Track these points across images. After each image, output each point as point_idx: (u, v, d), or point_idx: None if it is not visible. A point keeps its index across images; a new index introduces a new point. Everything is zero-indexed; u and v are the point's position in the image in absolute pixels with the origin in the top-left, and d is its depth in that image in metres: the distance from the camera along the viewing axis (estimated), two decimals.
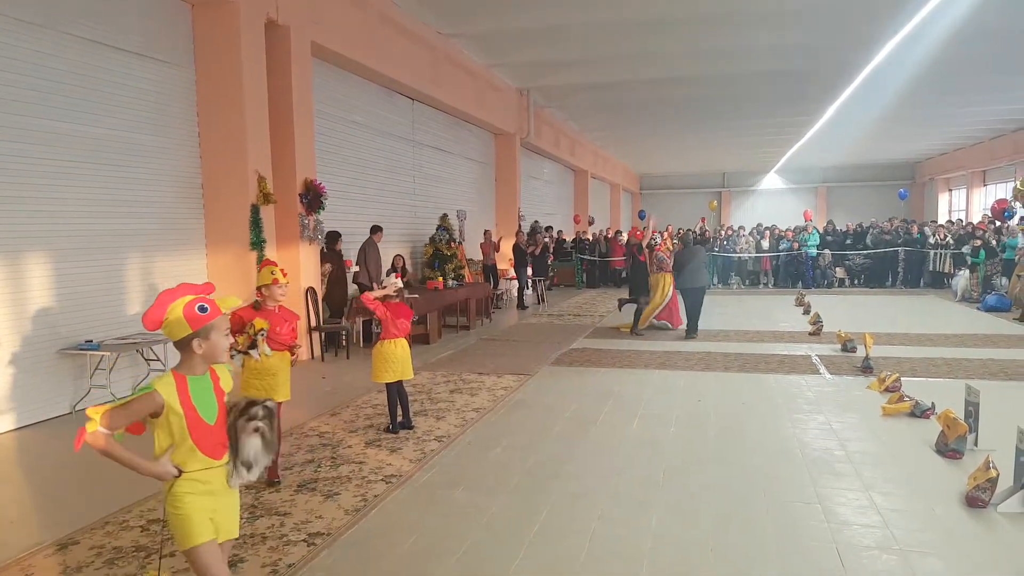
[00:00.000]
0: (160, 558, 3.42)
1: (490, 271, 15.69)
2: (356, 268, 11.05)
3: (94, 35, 7.20)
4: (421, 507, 4.42)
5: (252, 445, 2.70)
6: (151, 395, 2.54)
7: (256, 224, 8.63)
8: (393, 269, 11.19)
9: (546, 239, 18.41)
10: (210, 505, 2.64)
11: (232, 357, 4.07)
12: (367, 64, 10.91)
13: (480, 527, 4.11)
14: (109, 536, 4.05)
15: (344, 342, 10.03)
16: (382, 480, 4.90)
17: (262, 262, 5.23)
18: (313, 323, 9.64)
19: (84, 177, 7.13)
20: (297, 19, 9.25)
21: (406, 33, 11.83)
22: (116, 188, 7.51)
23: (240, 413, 2.72)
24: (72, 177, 7.01)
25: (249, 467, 2.71)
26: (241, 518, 4.23)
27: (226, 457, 2.69)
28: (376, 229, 11.38)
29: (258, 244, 8.64)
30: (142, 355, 7.49)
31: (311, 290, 9.64)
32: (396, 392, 6.06)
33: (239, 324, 4.68)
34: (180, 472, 2.57)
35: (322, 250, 10.22)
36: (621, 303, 13.01)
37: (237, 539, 2.92)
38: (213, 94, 8.48)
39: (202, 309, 2.63)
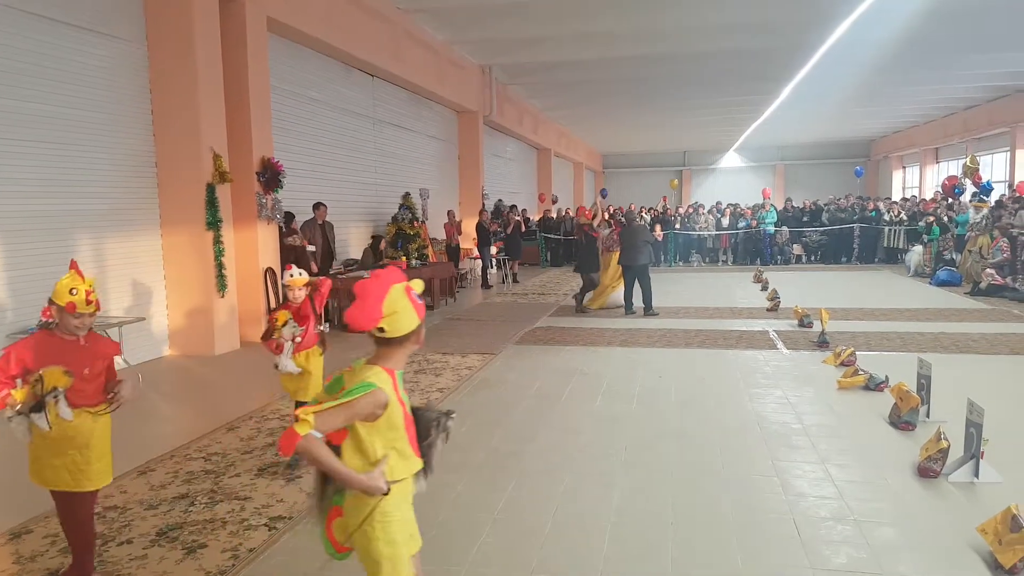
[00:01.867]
0: None
1: (454, 251, 15.60)
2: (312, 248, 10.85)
3: (40, 9, 6.94)
4: None
5: (438, 451, 2.46)
6: (374, 393, 2.15)
7: (212, 203, 8.45)
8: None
9: (517, 218, 18.17)
10: (411, 519, 2.34)
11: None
12: (325, 40, 10.69)
13: (446, 505, 4.12)
14: None
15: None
16: None
17: (69, 266, 3.48)
18: (273, 304, 9.50)
19: (31, 156, 6.90)
20: None
21: (365, 8, 11.61)
22: (65, 167, 7.28)
23: (443, 414, 2.46)
24: (18, 156, 6.78)
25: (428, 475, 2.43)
26: (200, 504, 4.19)
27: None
28: (318, 206, 10.91)
29: (214, 224, 8.48)
30: None
31: (269, 271, 9.50)
32: None
33: (19, 367, 3.09)
34: (389, 488, 2.20)
35: (294, 228, 10.04)
36: (578, 304, 12.10)
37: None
38: (166, 70, 8.25)
39: (416, 296, 2.31)
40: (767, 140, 33.78)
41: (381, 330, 2.22)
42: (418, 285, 2.35)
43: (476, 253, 16.68)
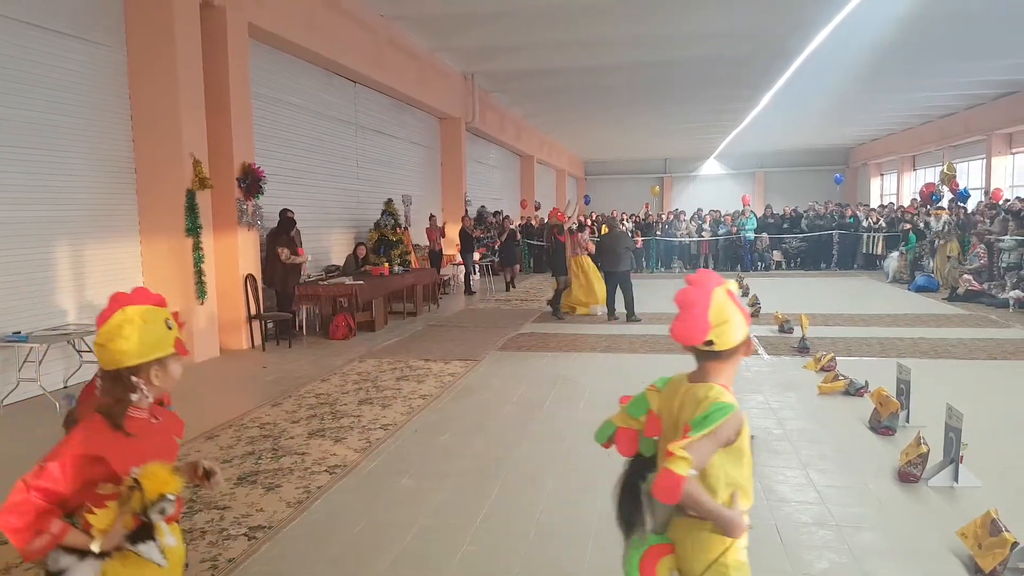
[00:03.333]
0: None
1: (436, 257, 15.56)
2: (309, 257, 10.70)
3: (18, 14, 6.85)
4: (366, 497, 4.38)
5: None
6: (736, 415, 1.94)
7: (192, 210, 8.38)
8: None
9: (512, 225, 17.82)
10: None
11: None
12: (307, 46, 10.65)
13: (427, 514, 4.09)
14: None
15: (297, 327, 9.90)
16: (326, 471, 4.83)
17: (139, 297, 2.04)
18: (254, 311, 9.43)
19: (7, 162, 6.80)
20: (234, 0, 8.97)
21: (347, 15, 11.58)
22: (43, 173, 7.18)
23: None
24: None
25: None
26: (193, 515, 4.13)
27: None
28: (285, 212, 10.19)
29: (194, 230, 8.40)
30: (73, 346, 7.21)
31: (250, 277, 9.42)
32: None
33: (72, 482, 1.87)
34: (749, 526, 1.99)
35: (280, 234, 9.93)
36: (555, 309, 12.02)
37: None
38: (146, 76, 8.17)
39: (740, 298, 2.11)
40: (747, 148, 34.06)
41: (710, 343, 2.02)
42: (733, 285, 2.13)
43: (459, 259, 16.66)
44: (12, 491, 1.86)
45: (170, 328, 2.05)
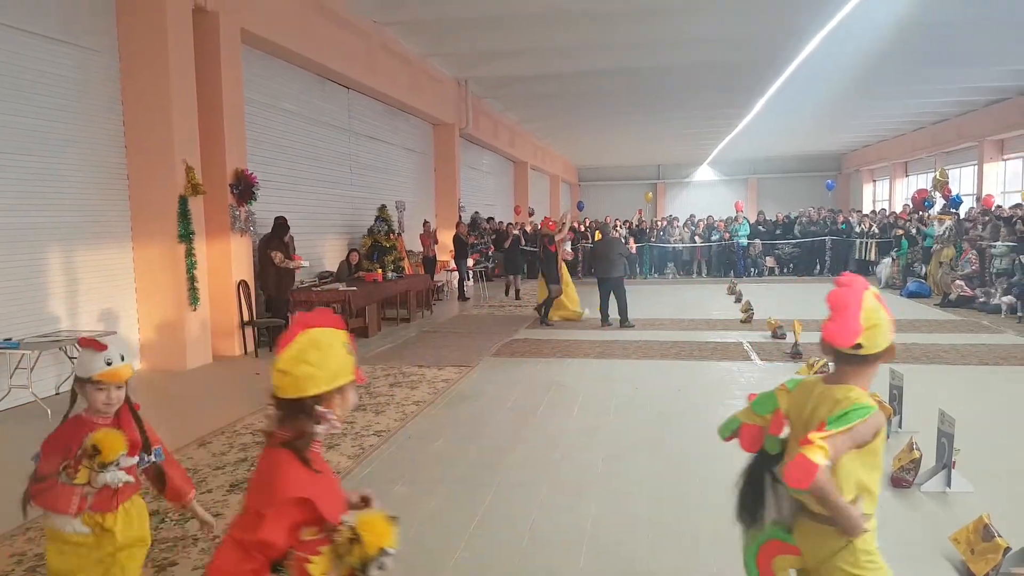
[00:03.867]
0: None
1: (430, 263, 15.54)
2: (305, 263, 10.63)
3: (9, 19, 6.83)
4: None
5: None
6: (876, 416, 1.96)
7: (184, 215, 8.35)
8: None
9: (515, 232, 17.33)
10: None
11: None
12: (300, 52, 10.66)
13: (421, 521, 4.08)
14: (31, 543, 3.87)
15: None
16: None
17: (321, 318, 1.93)
18: (246, 317, 9.41)
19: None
20: (226, 5, 8.96)
21: (340, 21, 11.60)
22: (34, 179, 7.16)
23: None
24: None
25: None
26: (171, 521, 4.11)
27: None
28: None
29: (187, 236, 8.38)
30: (65, 353, 7.17)
31: (243, 283, 9.40)
32: None
33: (295, 509, 1.79)
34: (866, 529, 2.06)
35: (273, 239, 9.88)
36: (541, 317, 12.03)
37: None
38: (138, 81, 8.16)
39: (886, 302, 2.12)
40: (740, 154, 34.19)
41: (858, 346, 2.00)
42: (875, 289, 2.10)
43: (453, 265, 16.65)
44: (222, 551, 1.73)
45: (349, 352, 1.91)
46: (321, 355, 1.81)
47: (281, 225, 9.89)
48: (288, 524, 1.74)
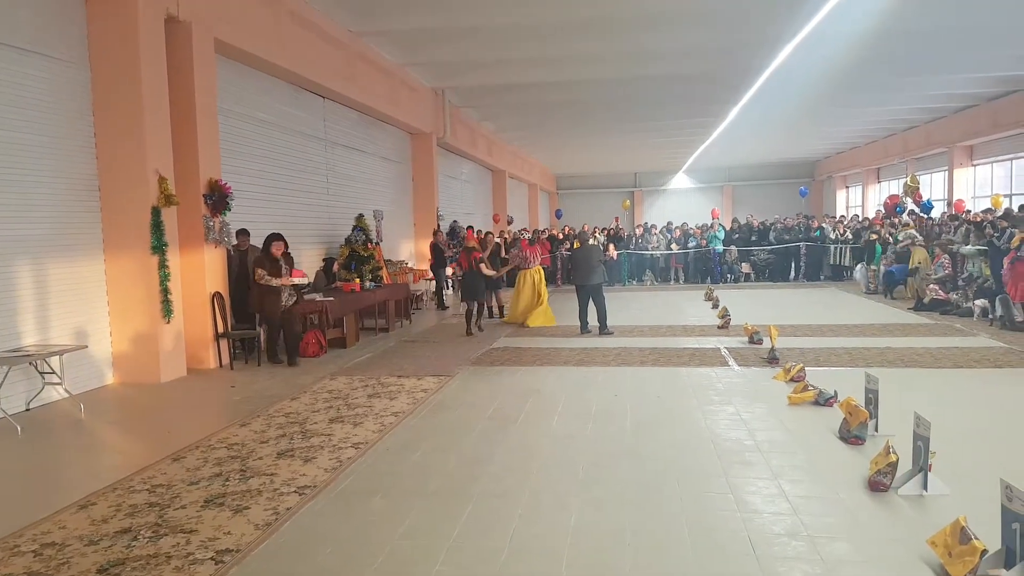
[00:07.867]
0: None
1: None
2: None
3: None
4: (337, 517, 4.30)
5: None
6: None
7: (157, 227, 8.24)
8: None
9: (497, 240, 16.30)
10: None
11: None
12: (275, 62, 10.57)
13: (399, 534, 4.03)
14: None
15: (262, 346, 9.72)
16: (295, 492, 4.74)
17: None
18: (220, 329, 9.29)
19: None
20: (199, 15, 8.87)
21: (316, 30, 11.54)
22: (2, 191, 7.02)
23: None
24: None
25: None
26: (143, 538, 4.02)
27: None
28: (241, 233, 9.98)
29: (160, 248, 8.26)
30: (36, 368, 7.03)
31: (217, 295, 9.28)
32: None
33: None
34: None
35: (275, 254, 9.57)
36: (468, 327, 11.75)
37: None
38: (109, 92, 8.05)
39: None
40: (715, 162, 34.51)
41: None
42: None
43: (430, 274, 16.58)
44: None
45: None
46: None
47: (268, 241, 9.55)
48: None
